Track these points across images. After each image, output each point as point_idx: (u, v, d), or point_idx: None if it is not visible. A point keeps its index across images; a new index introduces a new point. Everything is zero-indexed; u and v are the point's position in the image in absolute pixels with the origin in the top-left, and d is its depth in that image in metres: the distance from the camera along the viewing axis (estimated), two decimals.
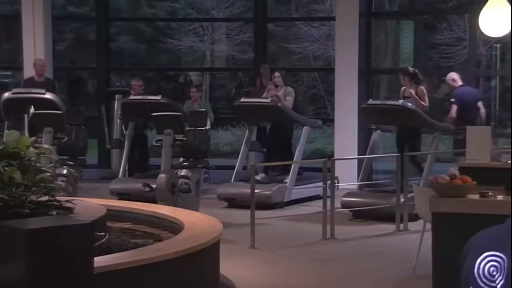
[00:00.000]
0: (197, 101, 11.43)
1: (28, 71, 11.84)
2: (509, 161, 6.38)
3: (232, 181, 10.06)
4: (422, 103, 9.35)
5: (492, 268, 1.80)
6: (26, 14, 12.34)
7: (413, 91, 9.40)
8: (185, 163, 8.46)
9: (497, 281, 1.79)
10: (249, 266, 6.75)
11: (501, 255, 1.80)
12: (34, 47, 12.21)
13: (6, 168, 4.86)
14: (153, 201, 7.54)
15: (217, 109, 17.95)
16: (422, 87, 9.46)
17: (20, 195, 4.88)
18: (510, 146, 9.24)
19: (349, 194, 9.21)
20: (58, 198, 5.28)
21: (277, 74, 10.63)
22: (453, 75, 10.35)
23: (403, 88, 9.61)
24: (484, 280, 1.82)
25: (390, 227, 8.31)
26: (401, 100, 9.27)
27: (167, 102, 10.06)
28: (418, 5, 14.11)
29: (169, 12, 19.49)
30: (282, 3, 19.12)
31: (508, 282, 1.77)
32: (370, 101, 9.66)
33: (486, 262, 1.82)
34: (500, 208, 4.91)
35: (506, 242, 1.81)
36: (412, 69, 9.68)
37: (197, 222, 5.69)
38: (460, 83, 10.29)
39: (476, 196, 5.10)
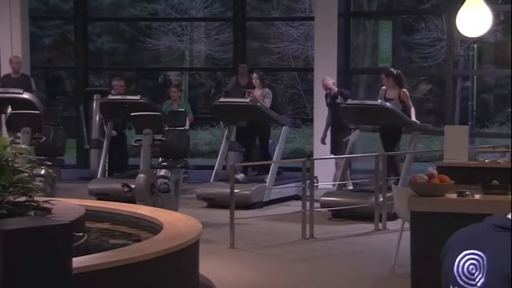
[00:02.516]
0: (177, 101, 11.41)
1: (5, 70, 11.77)
2: (486, 161, 6.44)
3: (211, 181, 10.05)
4: (412, 106, 9.35)
5: (471, 266, 1.81)
6: (2, 12, 12.24)
7: (396, 94, 9.37)
8: (164, 163, 8.44)
9: (476, 279, 1.81)
10: (228, 266, 6.75)
11: (480, 253, 1.81)
12: (11, 46, 12.12)
13: None
14: (132, 201, 7.51)
15: (196, 109, 17.94)
16: (404, 89, 9.44)
17: None
18: (489, 146, 9.33)
19: (328, 193, 9.24)
20: (36, 198, 5.25)
21: (254, 75, 10.64)
22: (331, 79, 10.28)
23: (383, 88, 9.57)
24: (464, 278, 1.83)
25: (369, 227, 8.35)
26: (380, 100, 9.29)
27: (146, 102, 10.02)
28: (397, 5, 14.18)
29: (149, 12, 19.44)
30: (262, 3, 19.14)
31: (489, 280, 1.79)
32: (349, 101, 9.69)
33: (466, 260, 1.83)
34: (478, 207, 4.95)
35: (485, 240, 1.82)
36: (396, 71, 9.63)
37: (176, 222, 5.67)
38: None
39: (454, 195, 5.14)
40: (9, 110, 9.42)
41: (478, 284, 1.79)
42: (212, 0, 18.66)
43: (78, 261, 4.17)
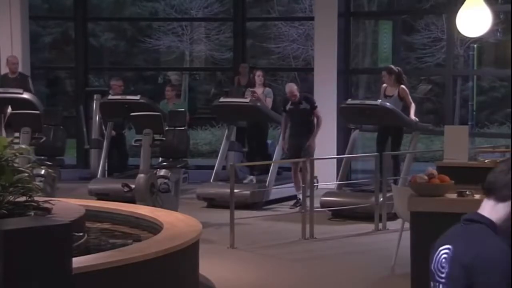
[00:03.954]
0: (172, 100, 11.41)
1: (5, 70, 11.75)
2: (486, 160, 6.44)
3: (211, 181, 10.05)
4: (412, 102, 9.36)
5: (443, 260, 1.93)
6: (2, 12, 12.24)
7: (395, 91, 9.38)
8: (164, 163, 8.44)
9: (443, 271, 1.92)
10: (228, 266, 6.76)
11: (450, 246, 1.92)
12: (11, 46, 12.11)
13: None
14: (132, 201, 7.51)
15: (196, 109, 17.93)
16: (403, 86, 9.46)
17: None
18: (489, 146, 9.33)
19: (328, 193, 9.24)
20: (36, 198, 5.25)
21: (259, 72, 10.65)
22: (295, 85, 9.72)
23: (384, 85, 9.56)
24: (438, 272, 1.96)
25: (369, 227, 8.35)
26: (380, 100, 9.29)
27: (146, 102, 10.02)
28: (397, 5, 14.18)
29: (149, 11, 19.45)
30: (261, 3, 19.14)
31: (450, 270, 1.89)
32: (349, 101, 9.69)
33: (440, 255, 1.95)
34: (478, 207, 4.94)
35: (455, 234, 1.93)
36: (397, 68, 9.63)
37: (176, 222, 5.67)
38: None
39: (454, 195, 5.13)
40: (9, 110, 9.41)
41: (443, 275, 1.91)
42: (212, 0, 18.66)
43: (78, 261, 4.17)
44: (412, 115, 9.22)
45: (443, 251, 1.95)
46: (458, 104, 16.66)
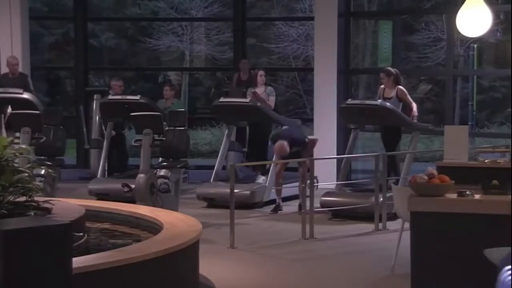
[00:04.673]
0: (170, 99, 11.42)
1: (5, 70, 11.76)
2: (486, 160, 6.44)
3: (211, 181, 10.06)
4: (413, 102, 9.40)
5: (508, 282, 1.90)
6: (2, 12, 12.24)
7: (394, 92, 9.41)
8: (164, 163, 8.44)
9: None
10: (228, 266, 6.76)
11: None
12: (11, 46, 12.12)
13: None
14: (132, 201, 7.51)
15: (196, 109, 17.94)
16: (401, 87, 9.50)
17: None
18: (489, 146, 9.34)
19: (328, 193, 9.24)
20: (36, 198, 5.25)
21: (261, 72, 10.69)
22: (285, 143, 9.19)
23: (382, 87, 9.61)
24: None
25: (369, 227, 8.35)
26: (380, 100, 9.31)
27: (146, 102, 10.03)
28: (397, 5, 14.18)
29: (151, 10, 19.45)
30: (262, 3, 19.14)
31: None
32: (349, 101, 9.70)
33: (505, 276, 1.93)
34: (478, 207, 4.95)
35: None
36: (394, 69, 9.67)
37: (176, 222, 5.68)
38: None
39: (454, 195, 5.13)
40: (9, 110, 9.43)
41: None
42: (212, 0, 18.66)
43: (78, 261, 4.17)
44: (415, 112, 9.27)
45: (509, 272, 1.94)
46: (458, 104, 16.67)
